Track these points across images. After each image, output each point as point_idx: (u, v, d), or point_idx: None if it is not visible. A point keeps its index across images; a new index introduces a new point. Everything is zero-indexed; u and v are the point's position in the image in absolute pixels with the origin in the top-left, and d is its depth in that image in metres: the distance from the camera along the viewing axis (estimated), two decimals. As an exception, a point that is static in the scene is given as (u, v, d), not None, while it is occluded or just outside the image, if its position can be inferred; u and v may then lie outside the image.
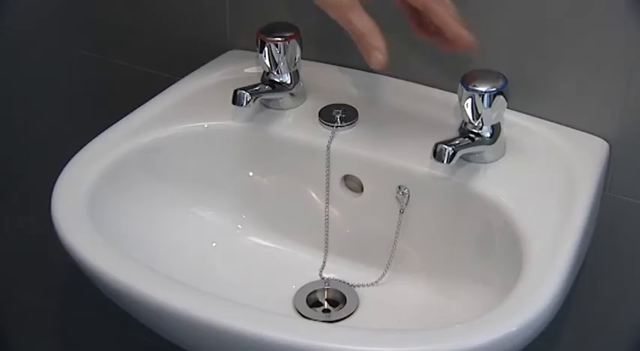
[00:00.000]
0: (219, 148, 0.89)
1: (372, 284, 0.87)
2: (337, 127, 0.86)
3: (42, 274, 1.21)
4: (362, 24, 0.72)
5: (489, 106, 0.79)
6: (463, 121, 0.81)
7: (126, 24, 1.08)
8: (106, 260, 0.73)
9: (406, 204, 0.85)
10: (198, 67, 0.98)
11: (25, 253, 1.15)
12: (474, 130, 0.81)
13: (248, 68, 0.96)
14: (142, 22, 1.07)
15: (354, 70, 0.95)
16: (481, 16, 0.85)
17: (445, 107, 0.88)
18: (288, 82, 0.89)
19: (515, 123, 0.86)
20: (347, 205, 0.88)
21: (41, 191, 0.82)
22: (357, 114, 0.88)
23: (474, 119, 0.80)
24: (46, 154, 1.07)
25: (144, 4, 1.05)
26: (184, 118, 0.89)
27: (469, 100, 0.79)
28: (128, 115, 0.89)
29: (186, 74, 0.96)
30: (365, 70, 0.94)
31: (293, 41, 0.87)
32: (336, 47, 0.95)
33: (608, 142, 0.85)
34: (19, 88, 1.20)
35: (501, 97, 0.79)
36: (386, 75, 0.93)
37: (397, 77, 0.93)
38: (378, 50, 0.72)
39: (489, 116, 0.79)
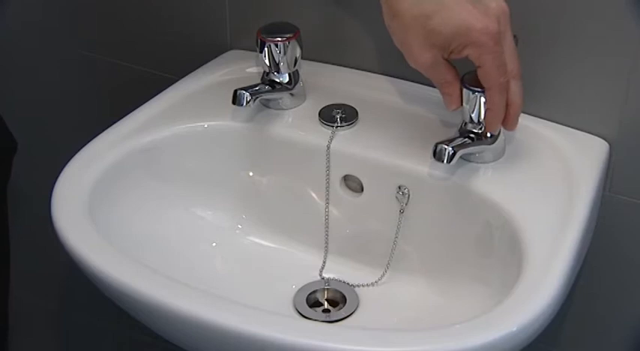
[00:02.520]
0: (219, 148, 0.89)
1: (372, 284, 0.87)
2: (337, 127, 0.86)
3: (42, 274, 1.21)
4: (443, 76, 0.78)
5: (489, 106, 0.79)
6: (463, 121, 0.81)
7: (126, 24, 1.08)
8: (106, 260, 0.73)
9: (406, 204, 0.85)
10: (198, 67, 0.98)
11: (25, 253, 1.15)
12: (474, 130, 0.81)
13: (248, 68, 0.96)
14: (142, 22, 1.07)
15: (354, 70, 0.95)
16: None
17: (445, 107, 0.88)
18: (288, 82, 0.89)
19: (515, 123, 0.86)
20: (347, 205, 0.88)
21: (41, 191, 0.82)
22: (357, 114, 0.88)
23: (474, 119, 0.80)
24: (46, 154, 1.07)
25: (144, 4, 1.05)
26: (184, 118, 0.89)
27: (469, 100, 0.79)
28: (128, 115, 0.89)
29: (186, 74, 0.96)
30: (365, 70, 0.94)
31: (293, 41, 0.87)
32: (336, 47, 0.95)
33: (608, 142, 0.85)
34: (18, 87, 1.20)
35: (501, 97, 0.79)
36: (386, 75, 0.93)
37: (397, 77, 0.93)
38: (450, 96, 0.79)
39: (489, 116, 0.79)
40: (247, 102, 0.84)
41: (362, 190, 0.87)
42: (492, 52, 0.74)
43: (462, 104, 0.79)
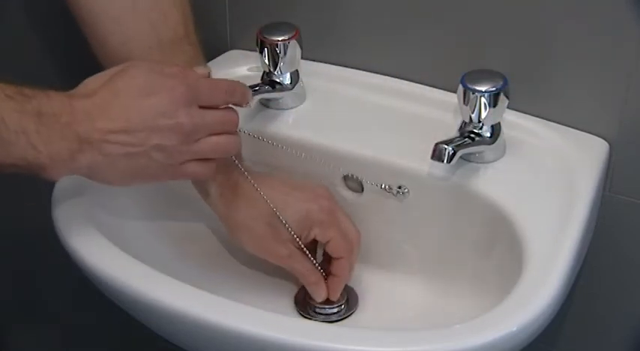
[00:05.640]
0: (219, 148, 0.89)
1: (372, 284, 0.87)
2: None
3: (42, 274, 1.21)
4: (302, 266, 0.81)
5: (489, 105, 0.79)
6: (463, 121, 0.81)
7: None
8: (106, 260, 0.73)
9: (406, 204, 0.84)
10: (199, 67, 0.97)
11: (25, 253, 1.15)
12: (474, 130, 0.81)
13: (248, 68, 0.96)
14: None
15: (354, 70, 0.95)
16: (482, 15, 0.85)
17: (445, 107, 0.88)
18: (288, 82, 0.89)
19: (515, 123, 0.86)
20: (347, 205, 0.88)
21: (41, 191, 0.82)
22: None
23: (474, 119, 0.80)
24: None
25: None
26: (184, 118, 0.89)
27: (469, 100, 0.79)
28: (128, 115, 0.89)
29: (187, 74, 0.96)
30: (365, 70, 0.94)
31: (293, 41, 0.87)
32: (336, 47, 0.95)
33: (608, 142, 0.85)
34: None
35: (501, 96, 0.79)
36: (386, 75, 0.93)
37: (397, 77, 0.93)
38: (317, 285, 0.82)
39: (489, 116, 0.79)
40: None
41: (362, 190, 0.87)
42: (334, 225, 0.80)
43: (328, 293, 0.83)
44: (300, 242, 0.80)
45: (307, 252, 0.81)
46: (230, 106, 0.74)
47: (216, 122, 0.72)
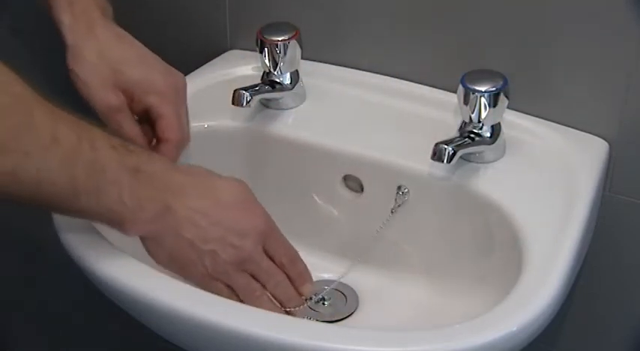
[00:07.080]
0: (219, 148, 0.89)
1: (372, 284, 0.87)
2: None
3: (42, 274, 1.21)
4: (129, 127, 0.77)
5: (489, 106, 0.79)
6: (463, 121, 0.81)
7: (125, 24, 1.08)
8: (106, 260, 0.73)
9: (406, 204, 0.84)
10: (198, 67, 0.98)
11: (26, 253, 1.15)
12: (474, 130, 0.81)
13: (248, 68, 0.96)
14: (141, 23, 1.06)
15: (354, 70, 0.95)
16: (482, 15, 0.85)
17: (445, 107, 0.88)
18: (288, 82, 0.89)
19: (516, 123, 0.86)
20: (347, 205, 0.88)
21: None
22: None
23: (474, 119, 0.80)
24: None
25: (143, 5, 1.05)
26: (184, 118, 0.89)
27: (469, 100, 0.79)
28: (128, 115, 0.89)
29: (187, 74, 0.96)
30: (365, 70, 0.94)
31: (293, 41, 0.87)
32: (336, 47, 0.95)
33: (608, 142, 0.85)
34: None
35: (501, 96, 0.79)
36: (386, 75, 0.93)
37: (397, 77, 0.93)
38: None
39: (489, 116, 0.79)
40: (247, 102, 0.84)
41: (362, 190, 0.87)
42: (172, 103, 0.78)
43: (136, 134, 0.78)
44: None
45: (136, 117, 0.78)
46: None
47: (264, 270, 0.73)
